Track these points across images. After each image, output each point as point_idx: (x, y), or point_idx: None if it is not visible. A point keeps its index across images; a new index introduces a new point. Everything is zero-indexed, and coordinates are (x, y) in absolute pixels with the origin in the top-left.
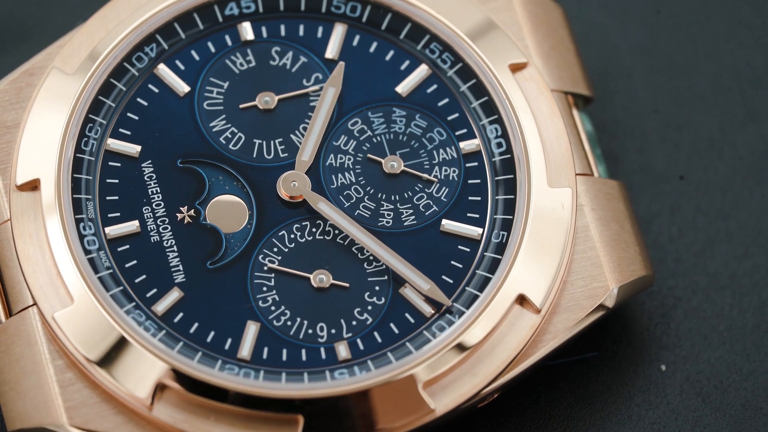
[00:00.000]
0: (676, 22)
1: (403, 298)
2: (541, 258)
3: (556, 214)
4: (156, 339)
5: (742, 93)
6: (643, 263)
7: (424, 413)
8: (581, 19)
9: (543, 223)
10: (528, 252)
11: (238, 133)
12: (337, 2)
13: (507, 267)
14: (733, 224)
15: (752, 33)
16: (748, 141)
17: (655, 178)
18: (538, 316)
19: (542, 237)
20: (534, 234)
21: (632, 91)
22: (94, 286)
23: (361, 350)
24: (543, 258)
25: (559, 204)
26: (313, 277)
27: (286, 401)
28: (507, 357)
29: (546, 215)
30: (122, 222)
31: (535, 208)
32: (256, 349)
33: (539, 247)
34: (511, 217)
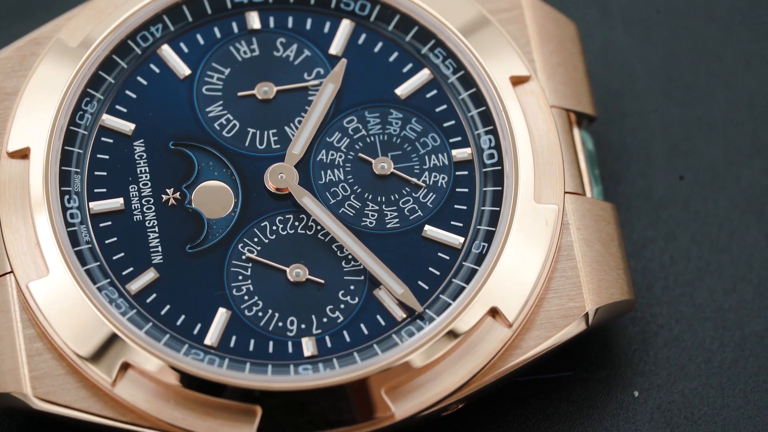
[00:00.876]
0: (697, 50)
1: (376, 300)
2: (519, 273)
3: (540, 230)
4: (125, 318)
5: (753, 127)
6: (624, 288)
7: (383, 417)
8: (602, 38)
9: (525, 238)
10: (506, 265)
11: (233, 121)
12: (348, 2)
13: (483, 278)
14: (726, 258)
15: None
16: (751, 176)
17: (654, 203)
18: (509, 330)
19: (522, 252)
20: (514, 248)
21: (643, 115)
22: (70, 259)
23: (328, 348)
24: (521, 273)
25: (543, 220)
26: (290, 270)
27: (246, 391)
28: (473, 368)
29: (529, 230)
30: (107, 198)
31: (518, 222)
32: (224, 336)
33: (518, 262)
34: (494, 229)
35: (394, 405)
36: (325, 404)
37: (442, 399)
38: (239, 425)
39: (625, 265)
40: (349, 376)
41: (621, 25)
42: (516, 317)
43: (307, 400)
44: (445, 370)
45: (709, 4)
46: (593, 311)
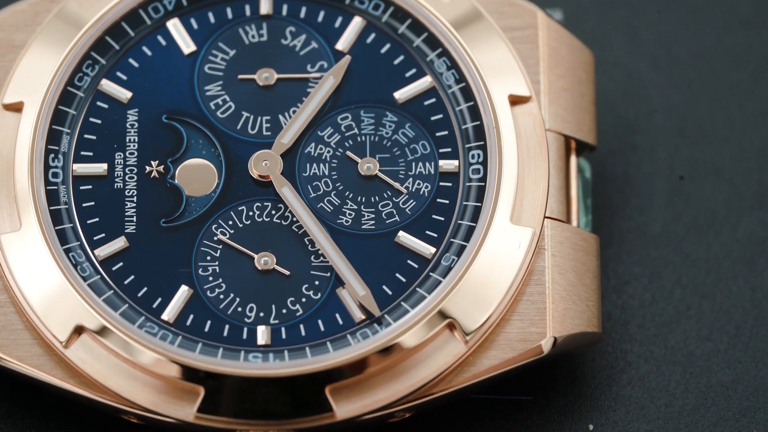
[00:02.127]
0: (719, 94)
1: (338, 298)
2: (483, 291)
3: (511, 252)
4: (86, 283)
5: (760, 177)
6: (591, 320)
7: (324, 415)
8: (627, 69)
9: (495, 257)
10: (471, 282)
11: (229, 102)
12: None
13: (445, 291)
14: (708, 304)
15: None
16: (749, 226)
17: (647, 240)
18: (464, 346)
19: (490, 270)
20: (482, 266)
21: (653, 150)
22: (43, 217)
23: (282, 339)
24: (485, 291)
25: (516, 242)
26: (258, 257)
27: (192, 370)
28: (422, 379)
29: (500, 250)
30: (92, 162)
31: (491, 240)
32: (182, 314)
33: (484, 281)
34: (466, 244)
35: (337, 405)
36: (267, 394)
37: (386, 405)
38: (181, 403)
39: (597, 298)
40: (297, 370)
41: (648, 58)
42: (473, 334)
43: (251, 387)
44: (394, 377)
45: (739, 50)
46: (553, 339)
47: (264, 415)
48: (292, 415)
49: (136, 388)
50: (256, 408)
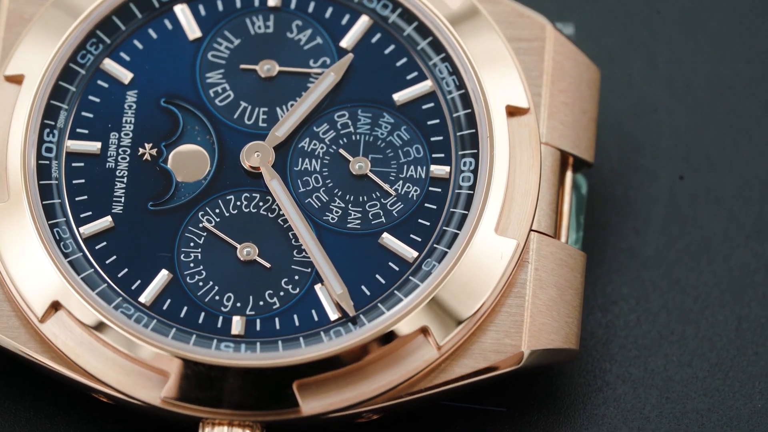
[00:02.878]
0: (729, 123)
1: (315, 295)
2: (460, 299)
3: (493, 262)
4: (67, 260)
5: (759, 209)
6: (569, 336)
7: (290, 410)
8: (640, 90)
9: (475, 267)
10: (449, 289)
11: (228, 91)
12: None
13: (422, 296)
14: (691, 331)
15: None
16: (743, 256)
17: (638, 262)
18: (437, 352)
19: (469, 279)
20: (462, 274)
21: (655, 173)
22: (31, 190)
23: (256, 330)
24: (462, 299)
25: (498, 252)
26: (241, 248)
27: (162, 354)
28: (391, 382)
29: (481, 260)
30: (87, 140)
31: (473, 249)
32: (159, 298)
33: (461, 289)
34: (448, 250)
35: (303, 401)
36: (234, 384)
37: (353, 405)
38: (150, 386)
39: (577, 315)
40: (266, 363)
41: (663, 80)
42: (446, 341)
43: (218, 376)
44: (364, 378)
45: (755, 80)
46: (527, 353)
47: (230, 405)
48: (258, 407)
49: (106, 368)
50: (222, 397)
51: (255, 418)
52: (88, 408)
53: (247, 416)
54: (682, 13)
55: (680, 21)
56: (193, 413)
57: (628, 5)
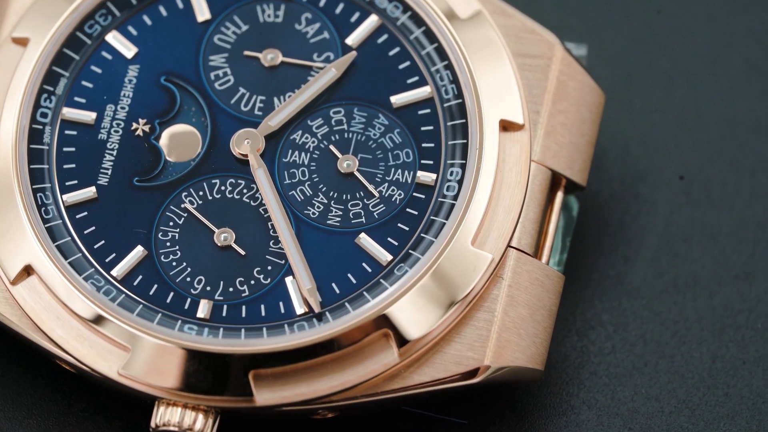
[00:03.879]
0: (735, 159)
1: (285, 287)
2: (426, 307)
3: (464, 274)
4: (45, 225)
5: (753, 249)
6: (534, 357)
7: (244, 398)
8: (651, 118)
9: (446, 277)
10: (417, 296)
11: (229, 76)
12: None
13: (388, 300)
14: (665, 365)
15: None
16: (728, 296)
17: (622, 290)
18: (397, 358)
19: (439, 288)
20: (433, 282)
21: (654, 203)
22: (19, 152)
23: (221, 316)
24: (428, 308)
25: (472, 265)
26: (218, 232)
27: (124, 329)
28: (346, 382)
29: (454, 270)
30: (83, 109)
31: (446, 259)
32: (131, 273)
33: (429, 297)
34: (421, 257)
35: (258, 391)
36: (191, 367)
37: (307, 401)
38: (110, 359)
39: (546, 336)
40: (225, 349)
41: (676, 111)
42: (407, 348)
43: (173, 355)
44: (321, 375)
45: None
46: (488, 368)
47: (186, 388)
48: (212, 392)
49: (70, 337)
50: (180, 379)
51: (210, 403)
52: (56, 374)
53: (201, 400)
54: (706, 46)
55: (703, 54)
56: (149, 391)
57: (655, 33)
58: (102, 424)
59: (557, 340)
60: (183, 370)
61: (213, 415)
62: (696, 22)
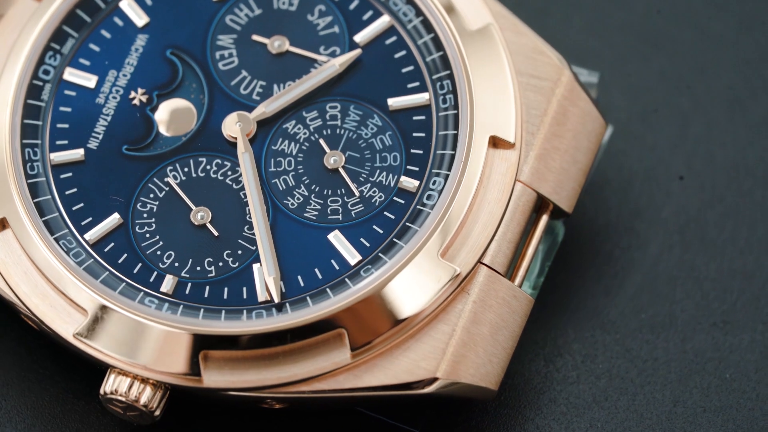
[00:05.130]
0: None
1: (251, 273)
2: (385, 313)
3: (428, 285)
4: (28, 181)
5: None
6: (488, 376)
7: (191, 377)
8: (660, 156)
9: (409, 285)
10: (377, 301)
11: (234, 57)
12: (397, 0)
13: (347, 300)
14: (625, 402)
15: None
16: (702, 342)
17: (596, 323)
18: (349, 358)
19: (398, 296)
20: (393, 289)
21: (647, 241)
22: (15, 106)
23: (184, 294)
24: (386, 314)
25: (437, 277)
26: (195, 211)
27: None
28: (295, 375)
29: (417, 280)
30: (85, 72)
31: (412, 267)
32: (104, 240)
33: (389, 303)
34: (387, 261)
35: (206, 372)
36: (142, 340)
37: (254, 388)
38: (68, 320)
39: (504, 357)
40: (180, 326)
41: (686, 153)
42: (361, 350)
43: (133, 328)
44: (271, 365)
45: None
46: (438, 382)
47: (138, 359)
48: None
49: (34, 294)
50: (132, 350)
51: (159, 377)
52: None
53: (151, 373)
54: (730, 91)
55: (726, 99)
56: (99, 356)
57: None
58: (61, 384)
59: (523, 363)
60: (136, 342)
61: (162, 390)
62: (725, 66)
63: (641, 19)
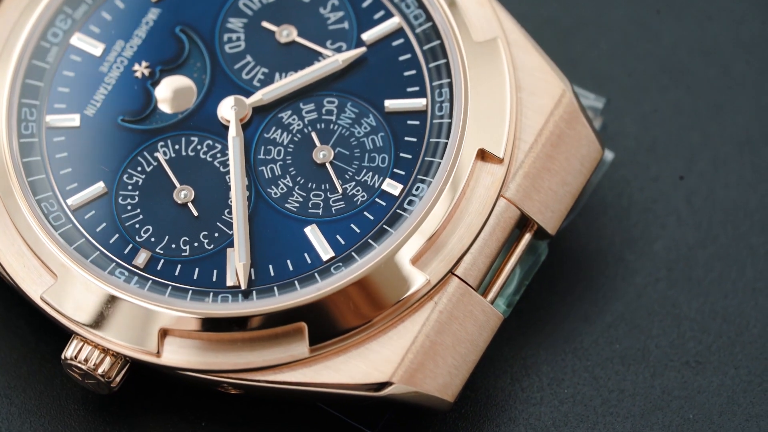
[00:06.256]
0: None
1: (224, 257)
2: (346, 312)
3: (394, 288)
4: (20, 140)
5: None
6: (445, 388)
7: (149, 352)
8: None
9: (374, 287)
10: (341, 299)
11: (241, 42)
12: (410, 3)
13: (312, 295)
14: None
15: None
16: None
17: (571, 348)
18: (306, 353)
19: (363, 296)
20: (359, 289)
21: (633, 272)
22: (15, 64)
23: (156, 269)
24: (347, 313)
25: (403, 282)
26: (179, 189)
27: (56, 258)
28: (250, 363)
29: (384, 283)
30: (94, 39)
31: (380, 269)
32: (85, 207)
33: (353, 302)
34: (359, 260)
35: (163, 349)
36: (106, 311)
37: (208, 371)
38: (38, 282)
39: (465, 370)
40: (143, 301)
41: (687, 190)
42: (318, 347)
43: (96, 297)
44: (228, 350)
45: None
46: (393, 387)
47: (91, 324)
48: (122, 338)
49: (9, 253)
50: (95, 319)
51: (117, 348)
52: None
53: (111, 343)
54: (742, 132)
55: (737, 140)
56: (61, 320)
57: (698, 106)
58: (31, 345)
59: (489, 378)
60: (99, 312)
61: (122, 362)
62: (742, 108)
63: (667, 52)
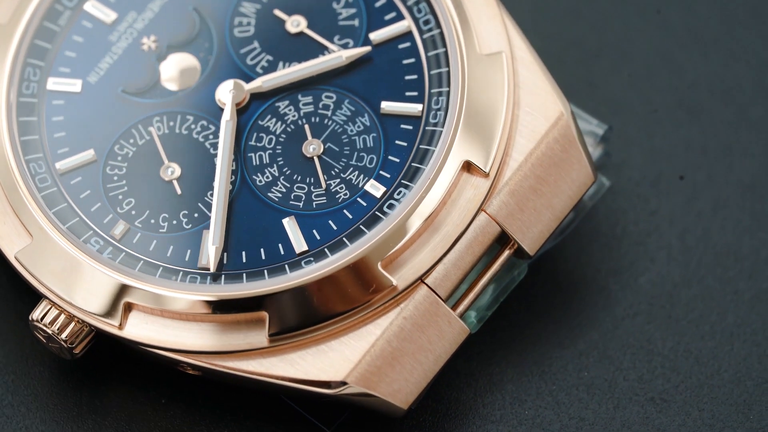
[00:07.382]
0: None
1: (200, 238)
2: (309, 307)
3: (361, 289)
4: (19, 98)
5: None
6: (398, 394)
7: (111, 322)
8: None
9: (339, 286)
10: (305, 294)
11: (251, 27)
12: (422, 8)
13: (277, 285)
14: None
15: None
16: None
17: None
18: (265, 342)
19: (328, 296)
20: (324, 287)
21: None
22: (29, 23)
23: (131, 242)
24: (310, 308)
25: (371, 285)
26: (166, 165)
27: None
28: (206, 346)
29: (350, 283)
30: (107, 7)
31: (349, 271)
32: (73, 172)
33: (316, 299)
34: (330, 257)
35: (126, 323)
36: (75, 278)
37: (167, 348)
38: (16, 242)
39: (422, 378)
40: (112, 272)
41: (682, 226)
42: (277, 338)
43: (69, 265)
44: (189, 330)
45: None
46: (346, 387)
47: (67, 294)
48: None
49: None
50: (65, 284)
51: (81, 315)
52: None
53: (76, 310)
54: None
55: (739, 183)
56: (33, 282)
57: (709, 145)
58: (9, 303)
59: (452, 390)
60: (69, 278)
61: (87, 330)
62: (752, 152)
63: (687, 87)
